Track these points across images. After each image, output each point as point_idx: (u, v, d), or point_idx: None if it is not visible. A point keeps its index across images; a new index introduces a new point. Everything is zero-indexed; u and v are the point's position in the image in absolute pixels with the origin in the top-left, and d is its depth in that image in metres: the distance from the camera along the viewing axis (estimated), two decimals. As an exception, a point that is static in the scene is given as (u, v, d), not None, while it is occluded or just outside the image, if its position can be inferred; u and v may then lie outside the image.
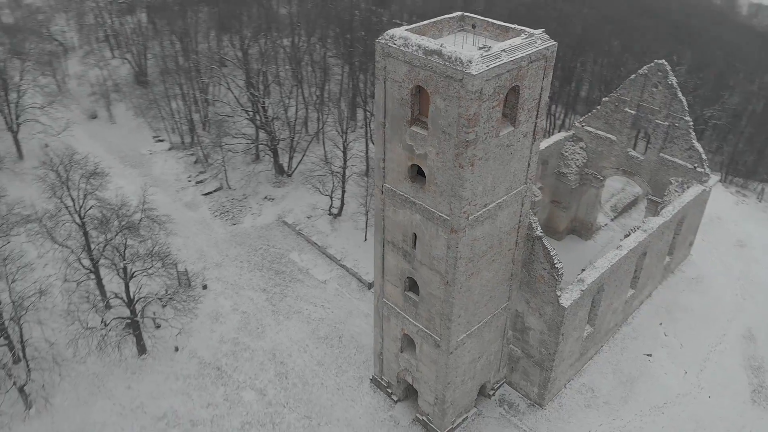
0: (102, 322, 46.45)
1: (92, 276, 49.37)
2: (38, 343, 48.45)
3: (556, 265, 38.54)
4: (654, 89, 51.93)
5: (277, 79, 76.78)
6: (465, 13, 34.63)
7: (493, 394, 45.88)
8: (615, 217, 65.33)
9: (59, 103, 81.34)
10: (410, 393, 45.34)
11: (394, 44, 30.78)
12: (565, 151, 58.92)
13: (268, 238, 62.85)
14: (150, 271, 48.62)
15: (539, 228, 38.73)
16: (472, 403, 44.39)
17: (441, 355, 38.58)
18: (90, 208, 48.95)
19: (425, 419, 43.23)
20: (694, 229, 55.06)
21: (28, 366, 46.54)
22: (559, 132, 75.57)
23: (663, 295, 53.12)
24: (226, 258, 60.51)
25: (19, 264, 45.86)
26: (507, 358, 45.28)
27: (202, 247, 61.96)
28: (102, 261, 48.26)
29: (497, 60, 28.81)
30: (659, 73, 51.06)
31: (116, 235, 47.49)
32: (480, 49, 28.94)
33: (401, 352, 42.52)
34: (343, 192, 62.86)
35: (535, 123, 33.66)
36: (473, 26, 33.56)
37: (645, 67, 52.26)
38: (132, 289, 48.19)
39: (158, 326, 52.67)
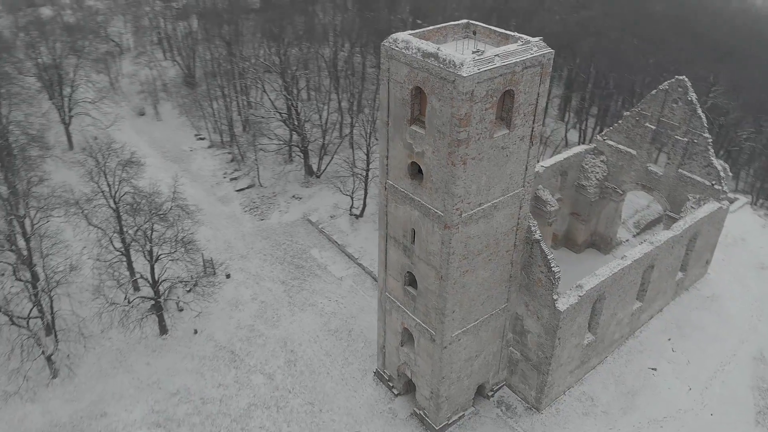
0: (125, 299, 49.69)
1: (123, 258, 52.73)
2: (66, 315, 52.13)
3: (553, 269, 39.39)
4: (674, 105, 52.05)
5: (313, 84, 79.77)
6: (470, 21, 36.27)
7: (492, 395, 46.69)
8: (638, 234, 65.10)
9: (110, 99, 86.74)
10: (410, 388, 46.62)
11: (397, 47, 32.72)
12: (586, 164, 59.33)
13: (292, 235, 65.43)
14: (174, 256, 51.81)
15: (538, 231, 39.70)
16: (469, 402, 45.37)
17: (436, 349, 39.90)
18: (124, 194, 52.49)
19: (422, 413, 44.47)
20: (710, 248, 54.52)
21: (56, 336, 50.24)
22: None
23: (674, 312, 52.76)
24: (251, 250, 63.35)
25: (54, 241, 49.65)
26: (507, 361, 46.09)
27: (230, 239, 65.04)
28: (132, 244, 51.70)
29: (490, 64, 30.33)
30: (679, 89, 51.22)
31: (147, 221, 50.81)
32: (473, 53, 30.54)
33: (401, 345, 44.00)
34: (365, 194, 64.94)
35: (533, 127, 34.88)
36: (474, 33, 35.18)
37: (666, 82, 52.49)
38: (157, 271, 51.38)
39: (181, 309, 55.74)
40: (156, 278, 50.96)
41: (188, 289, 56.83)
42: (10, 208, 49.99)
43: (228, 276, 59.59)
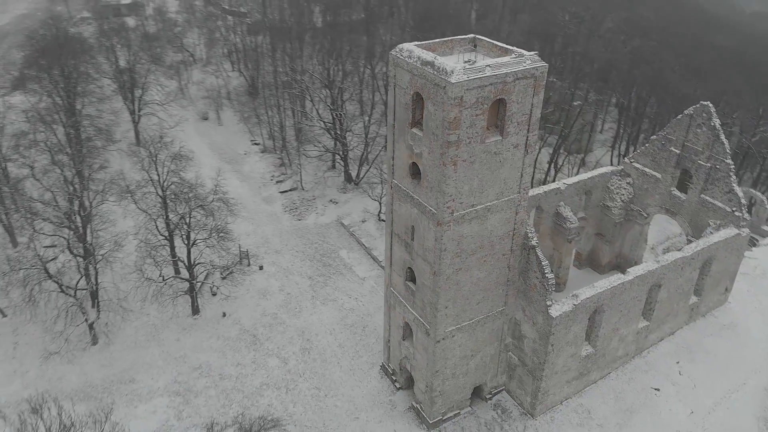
0: (160, 276, 54.66)
1: (165, 241, 57.85)
2: (110, 288, 57.71)
3: (547, 275, 40.94)
4: (698, 130, 52.39)
5: (356, 96, 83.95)
6: (477, 36, 39.00)
7: (490, 398, 48.13)
8: (665, 259, 64.59)
9: (177, 103, 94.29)
10: (411, 383, 48.75)
11: (401, 56, 35.90)
12: (612, 185, 59.97)
13: (325, 235, 69.24)
14: (209, 243, 56.54)
15: (535, 238, 41.43)
16: (466, 401, 47.03)
17: (430, 342, 42.11)
18: (171, 184, 57.82)
19: (419, 407, 46.55)
20: (730, 275, 53.86)
21: (98, 307, 55.77)
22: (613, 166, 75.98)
23: (687, 336, 52.41)
24: (285, 247, 67.56)
25: (104, 219, 55.46)
26: (506, 365, 47.51)
27: (268, 235, 69.57)
28: (175, 231, 56.79)
29: (479, 73, 32.95)
30: (704, 114, 51.58)
31: (191, 210, 55.83)
32: (465, 62, 33.26)
33: (403, 340, 46.40)
34: (395, 200, 68.00)
35: (527, 137, 37.00)
36: (474, 46, 37.88)
37: (691, 107, 52.94)
38: (193, 255, 56.23)
39: (214, 294, 60.40)
40: (192, 261, 55.81)
41: (223, 276, 61.53)
42: (72, 190, 56.27)
43: (261, 268, 63.88)
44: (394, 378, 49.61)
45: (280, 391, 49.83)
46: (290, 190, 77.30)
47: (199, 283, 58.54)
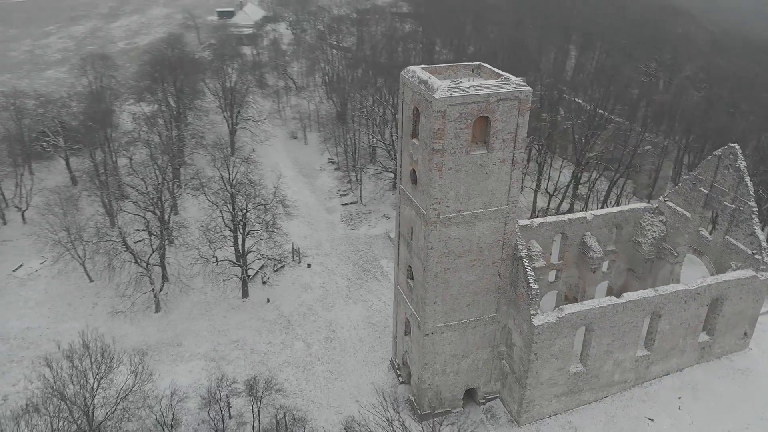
0: (213, 256, 63.21)
1: (229, 231, 66.50)
2: (175, 264, 67.20)
3: (531, 285, 44.04)
4: (725, 171, 53.00)
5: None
6: (481, 63, 43.93)
7: (484, 403, 50.98)
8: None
9: (271, 121, 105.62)
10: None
11: (407, 76, 41.75)
12: (644, 221, 60.95)
13: (371, 245, 75.25)
14: (262, 236, 64.53)
15: (524, 249, 44.79)
16: (459, 402, 50.30)
17: (420, 335, 46.39)
18: (238, 183, 66.74)
19: (412, 399, 50.52)
20: (748, 320, 52.83)
21: (164, 279, 65.23)
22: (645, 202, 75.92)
23: (696, 374, 51.99)
24: (334, 251, 74.34)
25: (180, 207, 65.34)
26: (500, 373, 50.30)
27: (322, 240, 76.80)
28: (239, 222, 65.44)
29: (462, 92, 37.94)
30: (731, 156, 52.26)
31: (248, 206, 64.37)
32: (452, 82, 38.44)
33: (405, 335, 50.88)
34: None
35: (513, 153, 41.08)
36: (472, 70, 42.84)
37: (720, 149, 53.71)
38: (247, 244, 64.47)
39: (264, 282, 68.19)
40: (245, 250, 64.01)
41: (276, 269, 69.39)
42: (161, 181, 66.78)
43: (309, 266, 70.99)
44: (399, 372, 53.92)
45: (298, 369, 55.86)
46: (350, 203, 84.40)
47: (254, 272, 66.66)
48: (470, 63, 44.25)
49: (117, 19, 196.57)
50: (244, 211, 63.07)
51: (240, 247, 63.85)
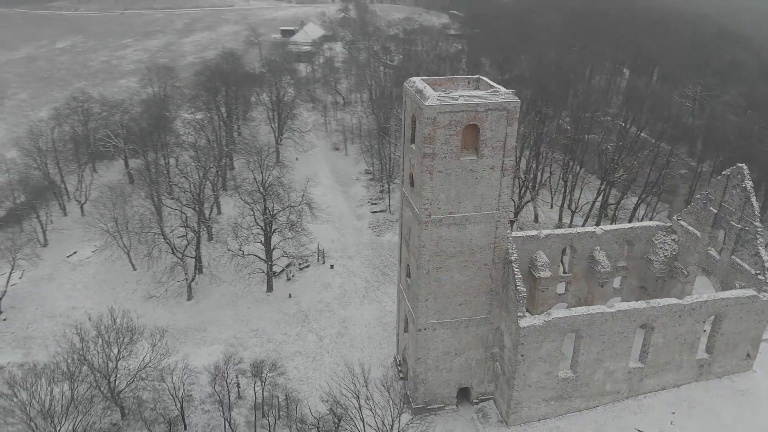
0: (239, 249, 68.06)
1: (260, 230, 71.27)
2: (210, 258, 72.58)
3: (519, 288, 46.05)
4: (733, 191, 53.29)
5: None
6: (481, 77, 46.81)
7: (477, 403, 52.86)
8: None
9: (315, 133, 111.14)
10: (412, 375, 55.35)
11: (408, 85, 45.19)
12: (656, 239, 61.36)
13: (393, 251, 78.22)
14: (285, 234, 69.04)
15: (515, 254, 46.92)
16: (452, 399, 52.43)
17: (414, 330, 49.09)
18: (270, 185, 71.66)
19: (408, 393, 53.05)
20: (751, 341, 52.34)
21: (197, 270, 70.60)
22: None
23: (693, 392, 51.94)
24: (358, 255, 77.99)
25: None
26: (493, 375, 52.13)
27: (348, 244, 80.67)
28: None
29: (451, 101, 40.97)
30: (738, 176, 52.58)
31: (284, 208, 69.25)
32: (443, 92, 41.56)
33: (404, 332, 53.63)
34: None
35: (503, 161, 43.55)
36: (468, 83, 45.74)
37: (729, 169, 54.06)
38: (273, 242, 69.09)
39: (289, 279, 72.54)
40: (271, 246, 68.63)
41: (301, 267, 73.76)
42: (202, 181, 72.68)
43: (332, 266, 74.90)
44: (400, 368, 56.58)
45: (308, 359, 59.52)
46: (379, 212, 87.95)
47: (280, 269, 71.27)
48: (470, 76, 47.25)
49: (190, 34, 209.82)
50: (272, 211, 67.71)
51: (266, 243, 68.47)
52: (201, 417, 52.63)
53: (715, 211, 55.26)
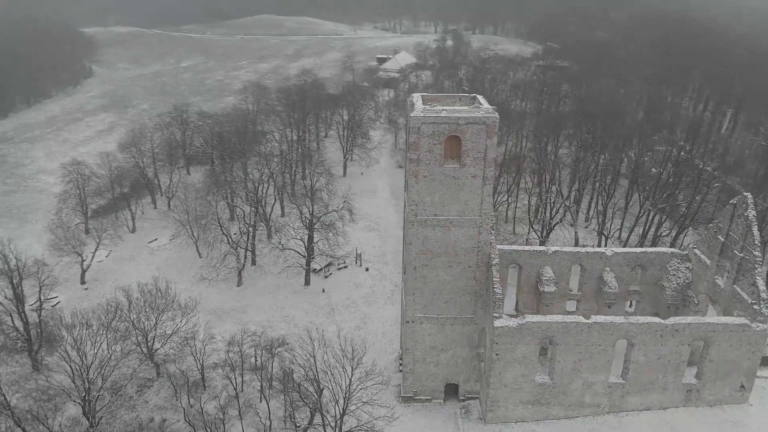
0: (280, 243, 76.04)
1: (304, 228, 79.19)
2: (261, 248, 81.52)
3: (495, 290, 49.55)
4: (738, 220, 53.38)
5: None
6: (476, 95, 51.45)
7: (464, 400, 56.22)
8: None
9: (381, 150, 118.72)
10: (410, 368, 59.68)
11: (408, 100, 50.90)
12: (671, 266, 61.69)
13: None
14: (326, 236, 76.28)
15: (496, 259, 50.53)
16: (440, 393, 56.24)
17: (403, 322, 53.84)
18: (317, 191, 79.51)
19: (400, 383, 57.53)
20: (744, 372, 51.31)
21: (247, 259, 79.50)
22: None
23: (679, 416, 51.73)
24: (393, 261, 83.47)
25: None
26: (479, 374, 55.36)
27: (387, 251, 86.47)
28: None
29: (434, 113, 46.14)
30: (743, 205, 52.73)
31: (327, 213, 76.90)
32: (428, 106, 46.86)
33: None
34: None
35: (484, 171, 47.79)
36: (459, 99, 50.49)
37: (736, 197, 54.21)
38: (314, 239, 76.73)
39: (326, 276, 79.59)
40: (310, 244, 76.13)
41: (339, 267, 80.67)
42: (262, 184, 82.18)
43: (367, 269, 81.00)
44: (400, 362, 61.14)
45: (326, 346, 65.60)
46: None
47: (320, 266, 78.66)
48: (467, 94, 52.07)
49: (297, 59, 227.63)
50: (311, 211, 75.36)
51: (307, 240, 76.08)
52: (221, 381, 60.20)
53: (723, 239, 55.37)
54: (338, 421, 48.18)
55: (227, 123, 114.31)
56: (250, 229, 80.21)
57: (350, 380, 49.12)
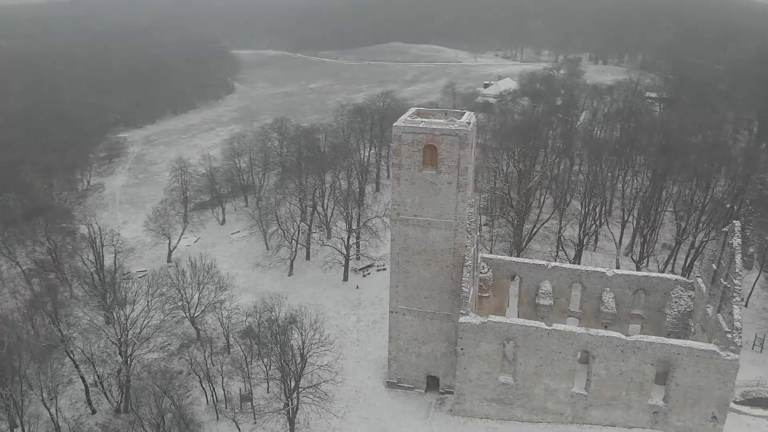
0: (320, 239, 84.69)
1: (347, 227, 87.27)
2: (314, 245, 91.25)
3: (463, 288, 53.85)
4: (727, 248, 52.94)
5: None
6: (467, 111, 56.50)
7: (443, 393, 60.41)
8: (737, 401, 59.72)
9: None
10: (404, 360, 64.94)
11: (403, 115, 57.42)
12: (673, 293, 61.30)
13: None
14: (365, 238, 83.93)
15: (470, 261, 54.82)
16: (422, 384, 60.97)
17: (388, 312, 59.65)
18: (359, 196, 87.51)
19: (386, 370, 63.08)
20: (715, 402, 50.07)
21: (307, 257, 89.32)
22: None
23: (644, 437, 52.21)
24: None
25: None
26: (456, 369, 59.30)
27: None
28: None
29: (413, 124, 52.21)
30: (732, 233, 52.35)
31: (367, 220, 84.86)
32: (409, 117, 53.02)
33: (398, 319, 63.92)
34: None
35: (458, 178, 52.72)
36: (446, 113, 55.72)
37: (728, 225, 53.70)
38: (350, 241, 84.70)
39: (364, 276, 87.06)
40: (349, 244, 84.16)
41: (378, 269, 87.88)
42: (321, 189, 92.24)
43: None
44: (398, 352, 66.61)
45: (338, 329, 72.98)
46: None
47: (361, 266, 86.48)
48: (458, 110, 57.36)
49: (413, 84, 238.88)
50: (352, 214, 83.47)
51: (346, 240, 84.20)
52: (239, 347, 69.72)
53: (715, 267, 54.91)
54: (296, 374, 55.04)
55: (314, 136, 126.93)
56: (304, 226, 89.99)
57: (303, 343, 55.92)
